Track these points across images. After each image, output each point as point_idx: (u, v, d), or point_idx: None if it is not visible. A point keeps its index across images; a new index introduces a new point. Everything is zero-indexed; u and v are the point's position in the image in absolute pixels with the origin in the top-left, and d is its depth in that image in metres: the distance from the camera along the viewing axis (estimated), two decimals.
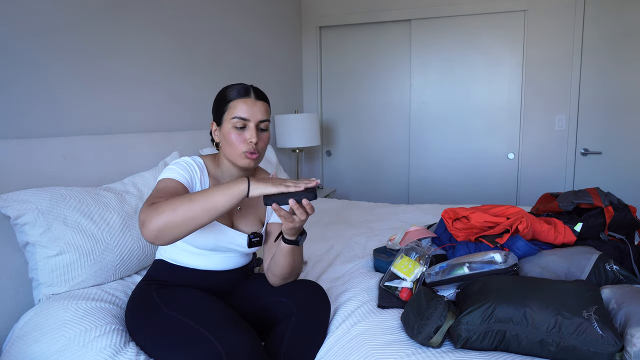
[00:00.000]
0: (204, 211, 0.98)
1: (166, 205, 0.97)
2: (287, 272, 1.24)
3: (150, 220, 0.96)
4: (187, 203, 0.98)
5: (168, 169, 1.20)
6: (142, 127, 2.05)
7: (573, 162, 3.28)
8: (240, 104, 1.21)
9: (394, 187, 3.79)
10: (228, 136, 1.21)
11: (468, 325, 1.06)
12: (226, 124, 1.22)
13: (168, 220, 0.96)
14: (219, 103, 1.25)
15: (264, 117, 1.23)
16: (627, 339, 1.00)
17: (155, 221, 0.96)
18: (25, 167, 1.40)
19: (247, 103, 1.21)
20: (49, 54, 1.58)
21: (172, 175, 1.17)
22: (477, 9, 3.32)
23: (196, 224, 0.99)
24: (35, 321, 1.23)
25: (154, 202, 1.01)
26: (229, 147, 1.23)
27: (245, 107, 1.21)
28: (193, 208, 0.97)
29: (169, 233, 0.97)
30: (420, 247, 1.52)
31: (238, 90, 1.23)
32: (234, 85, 1.25)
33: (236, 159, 1.23)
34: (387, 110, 3.71)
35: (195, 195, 0.99)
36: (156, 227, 0.96)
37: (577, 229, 1.60)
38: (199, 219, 0.98)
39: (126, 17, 1.93)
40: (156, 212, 0.97)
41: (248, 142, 1.21)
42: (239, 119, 1.20)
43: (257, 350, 1.03)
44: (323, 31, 3.80)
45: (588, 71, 3.17)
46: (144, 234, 0.97)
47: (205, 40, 2.52)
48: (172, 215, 0.96)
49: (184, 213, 0.97)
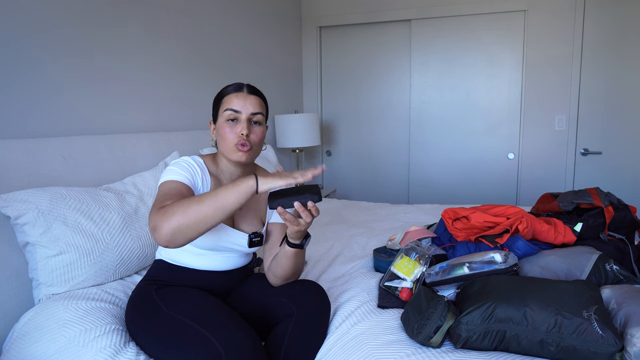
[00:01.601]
0: (214, 211, 0.98)
1: (176, 209, 0.97)
2: (290, 273, 1.24)
3: (161, 225, 0.96)
4: (197, 204, 0.97)
5: (169, 170, 1.20)
6: (142, 127, 2.05)
7: (573, 162, 3.28)
8: (233, 97, 1.24)
9: (394, 187, 3.79)
10: (221, 130, 1.23)
11: (468, 325, 1.06)
12: (220, 119, 1.25)
13: (179, 224, 0.96)
14: (215, 101, 1.29)
15: (256, 110, 1.24)
16: (627, 339, 1.00)
17: (166, 225, 0.96)
18: (25, 167, 1.40)
19: (239, 97, 1.23)
20: (49, 54, 1.58)
21: (175, 177, 1.17)
22: (477, 9, 3.32)
23: (207, 224, 0.99)
24: (35, 321, 1.23)
25: (163, 206, 1.00)
26: (222, 142, 1.24)
27: (236, 100, 1.23)
28: (203, 209, 0.97)
29: (182, 236, 0.97)
30: (420, 247, 1.52)
31: (233, 87, 1.26)
32: (231, 84, 1.28)
33: (229, 153, 1.23)
34: (387, 110, 3.71)
35: (204, 196, 0.99)
36: (168, 232, 0.96)
37: (577, 229, 1.60)
38: (210, 219, 0.98)
39: (126, 18, 1.93)
40: (166, 217, 0.96)
41: (239, 134, 1.21)
42: (231, 111, 1.22)
43: (257, 350, 1.03)
44: (323, 31, 3.80)
45: (588, 71, 3.17)
46: (157, 238, 0.97)
47: (206, 40, 2.52)
48: (183, 218, 0.96)
49: (194, 215, 0.97)
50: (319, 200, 1.01)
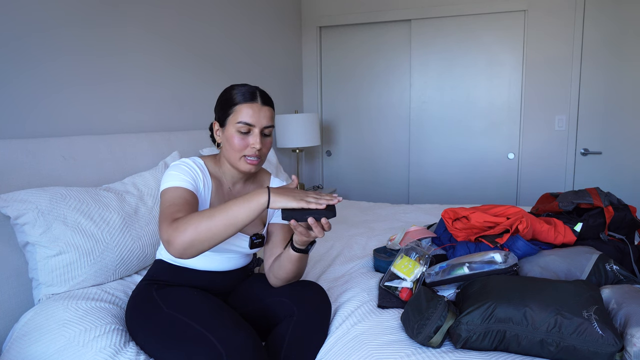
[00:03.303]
0: (225, 227, 1.00)
1: (188, 224, 0.99)
2: (292, 276, 1.23)
3: (175, 240, 0.99)
4: (208, 220, 0.99)
5: (171, 175, 1.18)
6: (142, 127, 2.05)
7: (573, 162, 3.28)
8: (246, 108, 1.19)
9: (394, 187, 3.79)
10: (231, 139, 1.20)
11: (468, 325, 1.06)
12: (230, 126, 1.21)
13: (192, 239, 0.99)
14: (223, 104, 1.23)
15: (269, 124, 1.22)
16: (627, 339, 1.00)
17: (180, 241, 0.99)
18: (25, 167, 1.40)
19: (253, 108, 1.19)
20: (49, 53, 1.58)
21: (177, 183, 1.16)
22: (477, 9, 3.32)
23: (219, 239, 1.01)
24: (35, 321, 1.23)
25: (175, 219, 1.03)
26: (230, 150, 1.21)
27: (251, 112, 1.19)
28: (215, 224, 0.99)
29: (194, 249, 1.00)
30: (420, 247, 1.52)
31: (244, 94, 1.21)
32: (240, 87, 1.22)
33: (236, 163, 1.22)
34: (387, 110, 3.71)
35: (215, 212, 1.00)
36: (181, 246, 0.99)
37: (577, 229, 1.60)
38: (222, 234, 1.00)
39: (126, 18, 1.93)
40: (179, 232, 0.99)
41: (251, 147, 1.20)
42: (244, 124, 1.19)
43: (257, 350, 1.03)
44: (323, 31, 3.80)
45: (588, 71, 3.17)
46: (170, 251, 1.01)
47: (206, 40, 2.52)
48: (195, 233, 0.99)
49: (206, 231, 0.99)
50: (333, 216, 1.00)
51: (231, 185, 1.31)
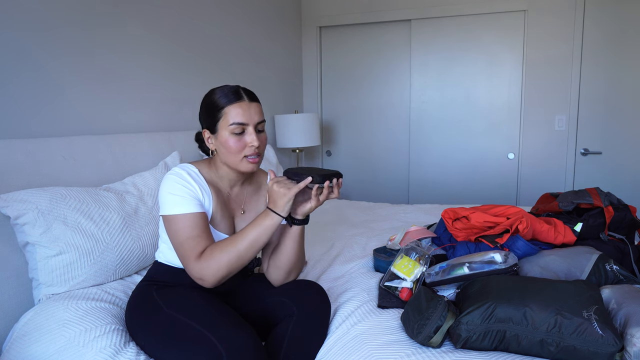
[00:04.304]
0: (251, 254, 1.15)
1: (220, 262, 1.11)
2: (294, 260, 1.25)
3: (209, 279, 1.12)
4: (236, 252, 1.12)
5: (172, 199, 1.15)
6: (142, 127, 2.05)
7: (573, 162, 3.28)
8: (235, 108, 1.17)
9: (394, 187, 3.79)
10: (227, 143, 1.18)
11: (468, 325, 1.06)
12: (223, 131, 1.18)
13: (225, 275, 1.13)
14: (210, 110, 1.20)
15: (260, 119, 1.22)
16: (627, 339, 1.00)
17: (214, 279, 1.12)
18: (25, 167, 1.40)
19: (242, 107, 1.18)
20: (49, 53, 1.58)
21: (185, 209, 1.15)
22: (477, 9, 3.32)
23: (246, 263, 1.16)
24: (35, 321, 1.23)
25: (199, 254, 1.13)
26: (228, 154, 1.20)
27: (240, 111, 1.17)
28: (243, 257, 1.13)
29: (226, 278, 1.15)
30: (420, 247, 1.52)
31: (227, 95, 1.18)
32: (221, 89, 1.20)
33: (237, 165, 1.21)
34: (387, 110, 3.71)
35: (239, 243, 1.13)
36: (217, 282, 1.13)
37: (577, 229, 1.60)
38: (249, 259, 1.15)
39: (126, 18, 1.93)
40: (213, 270, 1.11)
41: (249, 146, 1.19)
42: (237, 125, 1.17)
43: (257, 350, 1.03)
44: (323, 31, 3.80)
45: (588, 71, 3.17)
46: (204, 285, 1.14)
47: (206, 40, 2.52)
48: (227, 270, 1.13)
49: (235, 264, 1.13)
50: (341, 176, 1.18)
51: (229, 189, 1.30)
